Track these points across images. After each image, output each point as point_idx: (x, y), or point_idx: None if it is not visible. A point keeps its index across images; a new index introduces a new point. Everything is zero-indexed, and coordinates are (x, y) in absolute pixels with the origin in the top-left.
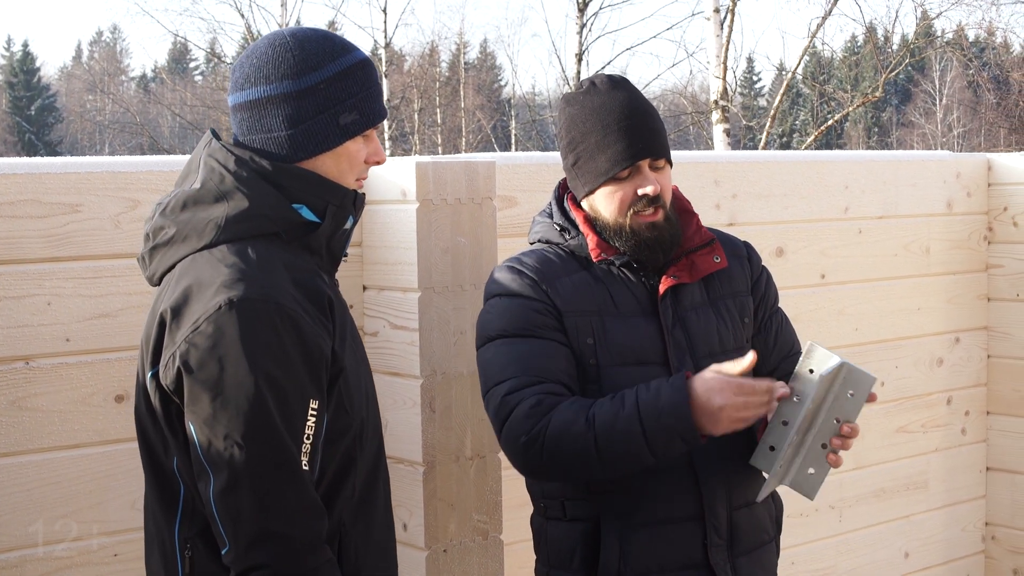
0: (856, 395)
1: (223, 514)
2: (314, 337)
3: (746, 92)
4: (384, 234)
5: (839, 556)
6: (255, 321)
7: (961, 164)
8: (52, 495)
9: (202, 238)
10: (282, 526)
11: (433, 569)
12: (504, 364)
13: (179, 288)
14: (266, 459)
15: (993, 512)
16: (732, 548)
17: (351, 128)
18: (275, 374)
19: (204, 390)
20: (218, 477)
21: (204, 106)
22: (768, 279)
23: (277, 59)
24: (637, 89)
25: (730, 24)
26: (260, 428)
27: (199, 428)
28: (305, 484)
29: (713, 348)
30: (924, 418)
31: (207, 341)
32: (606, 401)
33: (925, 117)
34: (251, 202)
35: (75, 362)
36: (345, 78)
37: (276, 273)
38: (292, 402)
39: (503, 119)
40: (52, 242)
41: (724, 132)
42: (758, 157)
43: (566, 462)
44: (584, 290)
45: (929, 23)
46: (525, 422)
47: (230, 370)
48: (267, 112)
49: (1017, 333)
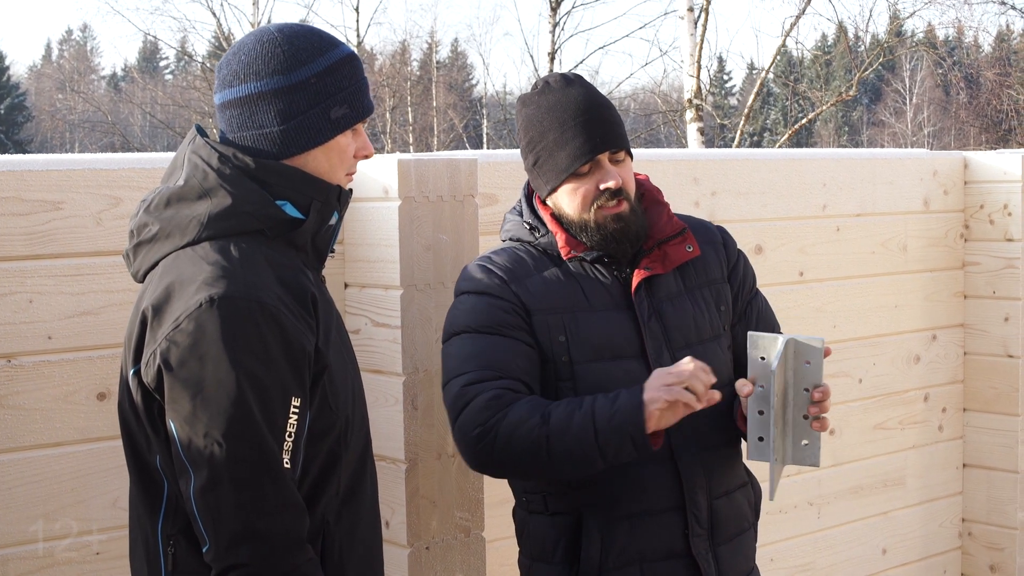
0: (813, 362)
1: (203, 512)
2: (297, 334)
3: (717, 91)
4: (366, 231)
5: (817, 552)
6: (236, 319)
7: (938, 162)
8: (34, 493)
9: (185, 235)
10: (263, 525)
11: (415, 566)
12: (466, 357)
13: (161, 285)
14: (246, 457)
15: (970, 508)
16: (713, 537)
17: (342, 122)
18: (256, 372)
19: (184, 388)
20: (198, 475)
21: (175, 105)
22: (745, 263)
23: (267, 55)
24: (592, 85)
25: (704, 23)
26: (240, 426)
27: (180, 426)
28: (286, 482)
29: (690, 338)
30: (901, 415)
31: (188, 339)
32: (564, 402)
33: (895, 116)
34: (234, 199)
35: (57, 360)
36: (334, 72)
37: (259, 270)
38: (274, 399)
39: (475, 118)
40: (34, 240)
41: (698, 131)
42: (737, 155)
43: (515, 458)
44: (555, 287)
45: (901, 23)
46: (481, 414)
47: (211, 368)
48: (258, 108)
49: (993, 330)
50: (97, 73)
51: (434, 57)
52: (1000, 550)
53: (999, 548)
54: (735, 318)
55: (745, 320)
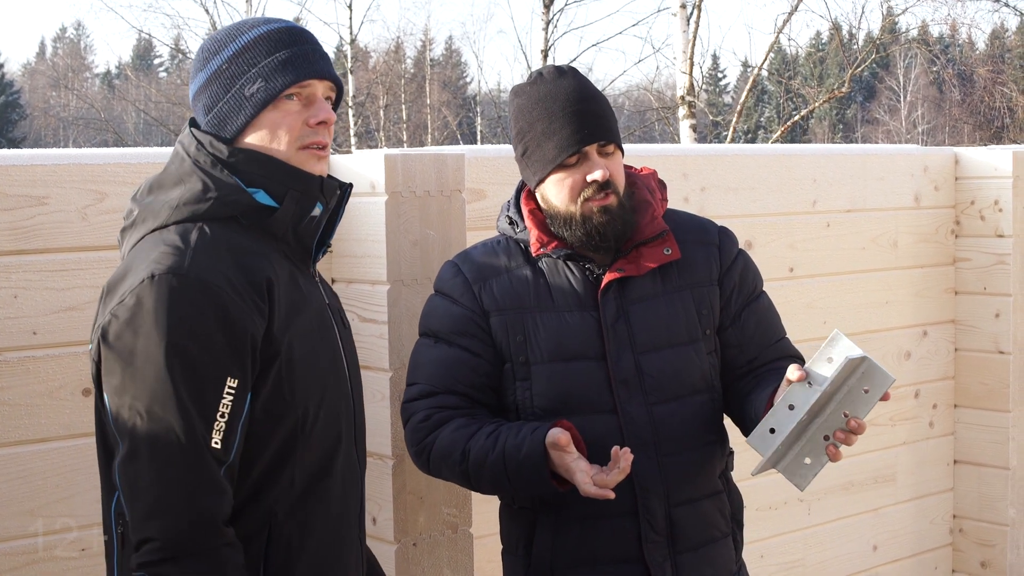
0: (871, 392)
1: (124, 483)
2: (240, 316)
3: (711, 89)
4: (353, 227)
5: (808, 549)
6: (173, 295)
7: (928, 158)
8: (19, 489)
9: (157, 219)
10: (175, 501)
11: (403, 562)
12: (417, 365)
13: (120, 268)
14: (166, 432)
15: (960, 505)
16: (674, 544)
17: (258, 96)
18: (187, 348)
19: (117, 360)
20: (123, 446)
21: (168, 102)
22: (744, 266)
23: (197, 55)
24: (584, 77)
25: (696, 20)
26: (163, 400)
27: (110, 397)
28: (206, 461)
29: (659, 342)
30: (892, 411)
31: (126, 313)
32: (482, 437)
33: (889, 114)
34: (203, 185)
35: (42, 355)
36: (245, 53)
37: (213, 253)
38: (204, 377)
39: (469, 115)
40: (19, 235)
41: (691, 128)
42: (726, 150)
43: (449, 480)
44: (521, 286)
45: (894, 20)
46: (414, 435)
47: (142, 341)
48: (196, 106)
49: (984, 326)
50: (91, 71)
51: (428, 54)
52: (991, 546)
53: (990, 544)
54: (727, 322)
55: (740, 324)
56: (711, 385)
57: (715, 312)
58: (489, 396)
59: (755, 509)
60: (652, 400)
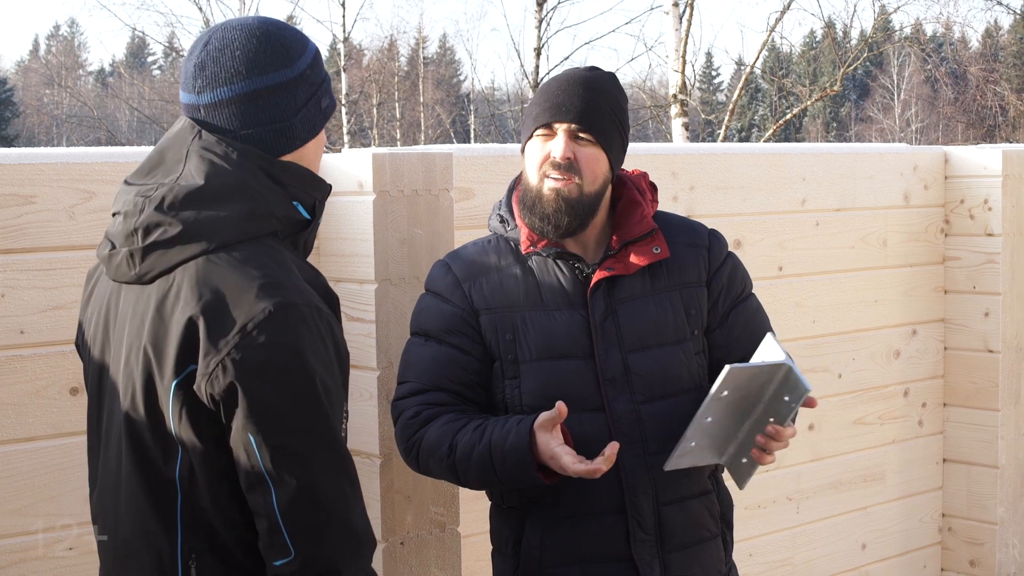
0: (790, 400)
1: (290, 523)
2: (343, 339)
3: (705, 87)
4: (340, 226)
5: (796, 548)
6: (304, 326)
7: (918, 157)
8: (6, 489)
9: (215, 237)
10: (357, 525)
11: (390, 561)
12: (408, 363)
13: (205, 292)
14: (334, 466)
15: (950, 503)
16: (663, 543)
17: (328, 111)
18: (327, 380)
19: (264, 398)
20: (284, 485)
21: (162, 100)
22: (733, 268)
23: (265, 50)
24: (606, 75)
25: (689, 18)
26: (324, 434)
27: (261, 437)
28: (359, 484)
29: (647, 341)
30: (881, 410)
31: (262, 349)
32: (469, 430)
33: (883, 112)
34: (259, 201)
35: (30, 354)
36: (318, 63)
37: (295, 274)
38: (338, 408)
39: (462, 114)
40: (6, 234)
41: (683, 126)
42: (715, 149)
43: (438, 476)
44: (510, 285)
45: (887, 17)
46: (404, 431)
47: (290, 378)
48: (267, 103)
49: (974, 325)
50: (84, 69)
51: (421, 53)
52: (980, 545)
53: (979, 543)
54: (715, 323)
55: (728, 326)
56: (699, 385)
57: (703, 313)
58: (479, 394)
59: (744, 508)
60: (639, 399)
